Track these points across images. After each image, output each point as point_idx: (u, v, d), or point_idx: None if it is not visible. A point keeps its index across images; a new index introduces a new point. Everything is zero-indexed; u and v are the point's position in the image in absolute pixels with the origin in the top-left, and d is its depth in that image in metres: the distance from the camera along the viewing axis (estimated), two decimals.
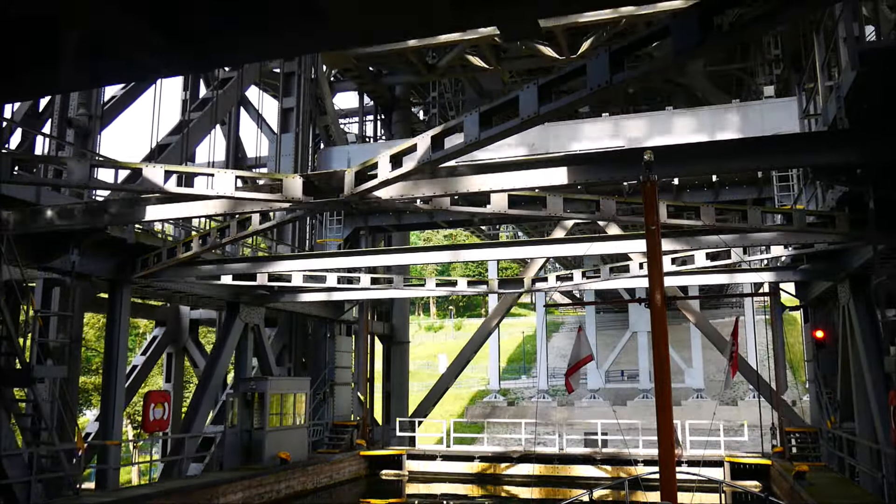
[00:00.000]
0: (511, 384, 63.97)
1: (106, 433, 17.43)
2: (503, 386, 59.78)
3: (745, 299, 49.58)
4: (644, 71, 7.03)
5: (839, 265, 17.06)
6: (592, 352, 26.09)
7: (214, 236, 14.68)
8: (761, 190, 23.46)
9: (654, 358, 9.72)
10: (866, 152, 9.78)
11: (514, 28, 6.37)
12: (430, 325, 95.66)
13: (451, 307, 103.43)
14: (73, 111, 17.80)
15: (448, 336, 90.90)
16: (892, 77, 8.63)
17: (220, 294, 21.29)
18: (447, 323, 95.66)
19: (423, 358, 73.05)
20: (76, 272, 15.90)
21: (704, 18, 6.31)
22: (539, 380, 55.63)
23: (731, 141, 11.64)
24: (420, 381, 61.97)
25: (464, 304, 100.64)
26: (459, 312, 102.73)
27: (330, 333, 27.28)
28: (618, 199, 12.25)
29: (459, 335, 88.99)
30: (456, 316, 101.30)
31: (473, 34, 25.64)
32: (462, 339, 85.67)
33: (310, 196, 10.77)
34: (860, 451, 16.40)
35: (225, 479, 18.51)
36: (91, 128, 17.94)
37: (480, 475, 25.54)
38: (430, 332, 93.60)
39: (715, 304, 70.83)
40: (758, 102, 22.68)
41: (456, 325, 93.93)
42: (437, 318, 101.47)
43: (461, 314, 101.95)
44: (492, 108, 8.35)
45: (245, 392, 21.51)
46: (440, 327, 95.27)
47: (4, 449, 14.04)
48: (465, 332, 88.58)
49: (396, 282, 20.67)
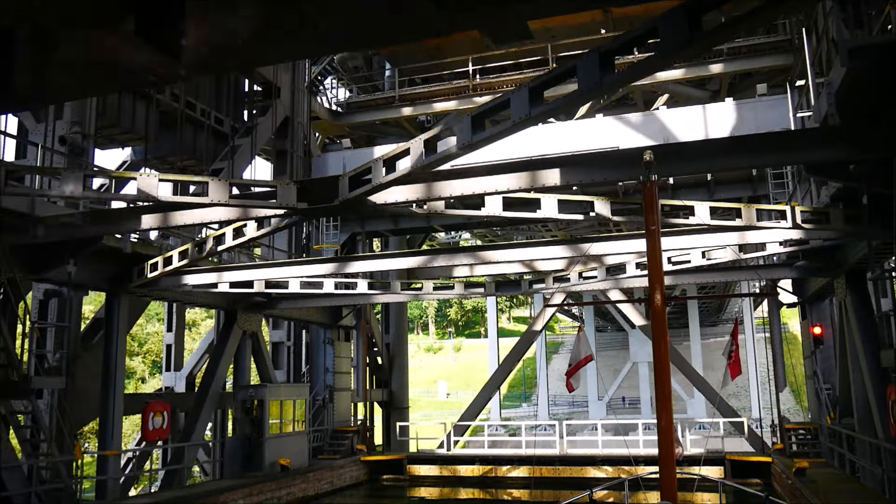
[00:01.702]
0: (511, 412, 62.06)
1: (105, 443, 17.40)
2: (504, 414, 57.13)
3: (745, 309, 49.49)
4: (634, 72, 7.04)
5: (835, 261, 17.10)
6: (592, 352, 26.13)
7: (210, 244, 14.69)
8: (756, 188, 23.50)
9: (655, 358, 9.73)
10: (858, 148, 9.80)
11: (503, 30, 6.38)
12: (429, 347, 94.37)
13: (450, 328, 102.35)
14: (67, 129, 17.83)
15: (447, 358, 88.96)
16: (882, 72, 8.66)
17: (217, 302, 21.29)
18: (446, 344, 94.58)
19: (423, 384, 71.17)
20: (73, 283, 15.90)
21: (692, 18, 6.33)
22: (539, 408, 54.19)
23: (725, 139, 11.69)
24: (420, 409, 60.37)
25: (463, 322, 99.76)
26: (459, 331, 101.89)
27: (328, 339, 27.27)
28: (613, 200, 12.26)
29: (459, 357, 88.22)
30: (455, 335, 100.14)
31: (469, 103, 25.90)
32: (462, 362, 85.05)
33: (304, 202, 10.80)
34: (860, 446, 16.42)
35: (225, 487, 18.47)
36: (85, 146, 17.93)
37: (482, 478, 25.51)
38: (430, 354, 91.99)
39: (714, 320, 70.19)
40: (751, 100, 22.72)
41: (455, 347, 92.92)
42: (437, 339, 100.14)
43: (461, 333, 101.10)
44: (484, 111, 8.37)
45: (244, 399, 21.49)
46: (439, 348, 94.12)
47: (4, 461, 14.04)
48: (465, 354, 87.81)
49: (394, 286, 20.68)
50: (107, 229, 13.21)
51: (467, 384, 60.39)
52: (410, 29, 6.04)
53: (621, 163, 10.65)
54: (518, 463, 25.49)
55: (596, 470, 24.33)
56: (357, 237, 27.92)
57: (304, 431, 23.28)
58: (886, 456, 14.02)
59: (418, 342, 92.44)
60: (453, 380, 75.61)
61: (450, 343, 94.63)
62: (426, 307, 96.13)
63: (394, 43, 25.31)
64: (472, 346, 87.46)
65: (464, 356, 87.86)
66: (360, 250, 28.20)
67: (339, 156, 27.48)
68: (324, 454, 25.19)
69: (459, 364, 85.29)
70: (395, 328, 32.04)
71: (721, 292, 51.42)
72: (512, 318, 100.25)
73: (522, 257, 16.73)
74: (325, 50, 11.48)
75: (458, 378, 76.80)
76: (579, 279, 19.03)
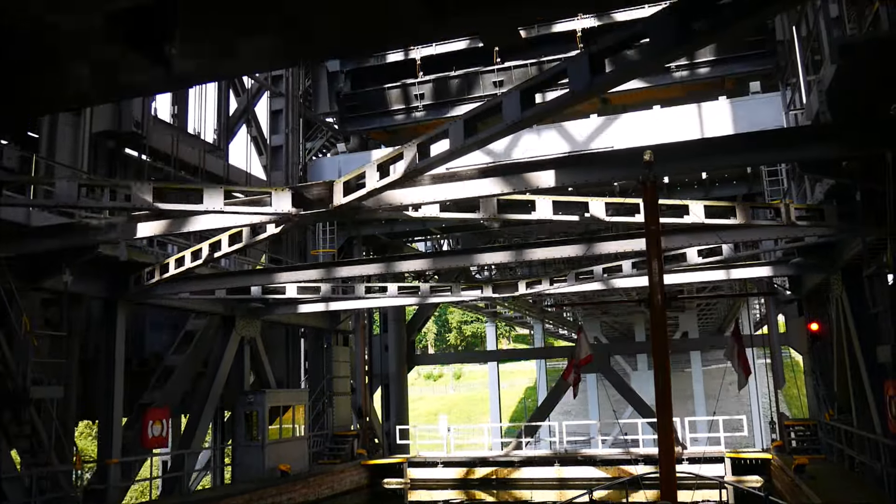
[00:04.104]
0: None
1: (105, 451, 17.37)
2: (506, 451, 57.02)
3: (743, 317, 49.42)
4: (624, 73, 7.06)
5: (830, 258, 17.15)
6: (592, 352, 26.12)
7: (206, 251, 14.69)
8: (751, 186, 23.55)
9: (655, 358, 9.75)
10: (850, 145, 9.84)
11: (495, 34, 6.42)
12: (429, 374, 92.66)
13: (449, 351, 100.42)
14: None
15: (448, 387, 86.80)
16: (872, 69, 8.70)
17: (214, 308, 21.27)
18: (447, 371, 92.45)
19: (423, 417, 67.51)
20: (69, 292, 15.89)
21: (682, 20, 6.35)
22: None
23: (720, 138, 11.72)
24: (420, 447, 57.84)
25: (463, 347, 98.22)
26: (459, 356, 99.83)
27: (327, 344, 27.25)
28: (608, 201, 12.27)
29: (460, 386, 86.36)
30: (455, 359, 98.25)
31: None
32: (462, 391, 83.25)
33: (299, 208, 10.81)
34: (858, 442, 16.45)
35: (225, 494, 18.47)
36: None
37: (482, 480, 25.52)
38: (430, 382, 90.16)
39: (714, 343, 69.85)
40: (745, 98, 22.75)
41: (455, 374, 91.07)
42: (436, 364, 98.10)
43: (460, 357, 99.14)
44: (476, 114, 8.38)
45: (243, 405, 21.46)
46: (440, 375, 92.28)
47: (4, 471, 14.02)
48: (466, 382, 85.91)
49: (391, 290, 20.68)
50: (102, 238, 13.20)
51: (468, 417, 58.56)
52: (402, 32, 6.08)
53: (618, 163, 10.67)
54: (519, 465, 25.50)
55: (596, 469, 24.36)
56: (353, 241, 27.90)
57: (304, 436, 23.27)
58: (885, 451, 14.03)
59: (418, 369, 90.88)
60: (454, 412, 72.40)
61: (449, 370, 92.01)
62: (425, 332, 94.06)
63: (390, 48, 25.41)
64: (474, 374, 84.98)
65: (464, 384, 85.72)
66: (356, 255, 28.18)
67: (335, 160, 27.49)
68: (324, 459, 25.18)
69: (460, 394, 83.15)
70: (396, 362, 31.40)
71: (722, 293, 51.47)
72: (512, 338, 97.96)
73: (517, 259, 16.74)
74: (320, 53, 11.49)
75: (459, 411, 74.46)
76: (576, 280, 19.04)
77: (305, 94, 28.39)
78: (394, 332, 31.10)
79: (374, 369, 30.53)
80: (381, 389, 30.82)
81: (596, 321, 60.45)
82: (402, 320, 32.02)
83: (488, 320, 61.90)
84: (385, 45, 10.85)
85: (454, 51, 26.08)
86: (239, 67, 5.52)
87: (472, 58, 25.56)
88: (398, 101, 26.89)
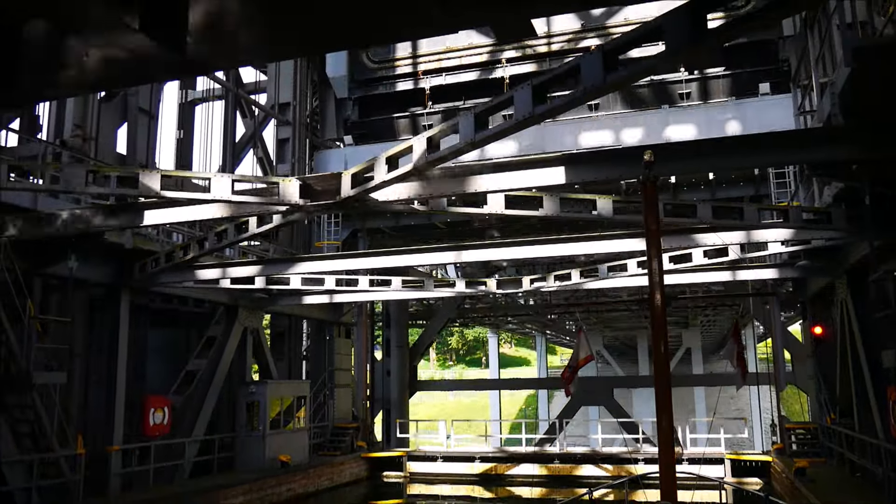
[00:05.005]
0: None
1: (107, 438, 17.40)
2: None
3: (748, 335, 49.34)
4: (638, 71, 7.03)
5: (836, 261, 17.08)
6: (592, 352, 26.10)
7: (212, 240, 14.69)
8: (758, 187, 23.45)
9: (655, 359, 9.73)
10: (861, 148, 9.79)
11: (507, 28, 6.38)
12: (430, 377, 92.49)
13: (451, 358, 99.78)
14: (68, 133, 17.86)
15: (448, 393, 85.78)
16: (886, 72, 8.64)
17: (218, 298, 21.29)
18: (448, 375, 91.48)
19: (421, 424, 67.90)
20: (74, 278, 15.91)
21: (697, 17, 6.31)
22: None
23: (728, 139, 11.67)
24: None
25: (464, 351, 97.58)
26: (460, 359, 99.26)
27: (329, 336, 27.26)
28: (615, 199, 12.23)
29: (460, 393, 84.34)
30: (456, 362, 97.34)
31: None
32: (463, 398, 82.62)
33: (307, 199, 10.80)
34: (859, 446, 16.42)
35: (226, 483, 18.51)
36: (86, 149, 17.94)
37: (482, 475, 25.54)
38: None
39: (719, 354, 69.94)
40: (755, 99, 22.66)
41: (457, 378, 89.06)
42: (437, 368, 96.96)
43: (461, 360, 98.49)
44: (487, 109, 8.37)
45: (245, 396, 21.50)
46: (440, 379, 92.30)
47: (5, 456, 14.05)
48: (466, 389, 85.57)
49: (395, 283, 20.66)
50: (108, 225, 13.19)
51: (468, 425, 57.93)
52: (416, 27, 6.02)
53: (626, 160, 10.61)
54: (518, 461, 25.51)
55: (596, 468, 24.36)
56: (358, 234, 27.89)
57: (305, 428, 23.31)
58: (886, 456, 14.00)
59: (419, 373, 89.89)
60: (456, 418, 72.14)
61: (451, 374, 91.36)
62: None
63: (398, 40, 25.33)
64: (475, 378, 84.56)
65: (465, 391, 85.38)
66: (361, 247, 28.15)
67: (341, 152, 27.46)
68: (324, 451, 25.23)
69: (460, 401, 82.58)
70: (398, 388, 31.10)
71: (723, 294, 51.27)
72: (514, 342, 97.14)
73: (525, 255, 16.73)
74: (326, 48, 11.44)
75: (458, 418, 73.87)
76: (580, 277, 19.00)
77: (312, 114, 28.23)
78: (396, 357, 30.97)
79: (376, 394, 30.33)
80: (382, 414, 30.63)
81: (598, 334, 60.38)
82: (406, 346, 32.00)
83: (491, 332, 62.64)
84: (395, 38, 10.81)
85: (464, 81, 26.11)
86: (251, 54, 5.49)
87: (480, 89, 25.46)
88: (406, 131, 26.87)
